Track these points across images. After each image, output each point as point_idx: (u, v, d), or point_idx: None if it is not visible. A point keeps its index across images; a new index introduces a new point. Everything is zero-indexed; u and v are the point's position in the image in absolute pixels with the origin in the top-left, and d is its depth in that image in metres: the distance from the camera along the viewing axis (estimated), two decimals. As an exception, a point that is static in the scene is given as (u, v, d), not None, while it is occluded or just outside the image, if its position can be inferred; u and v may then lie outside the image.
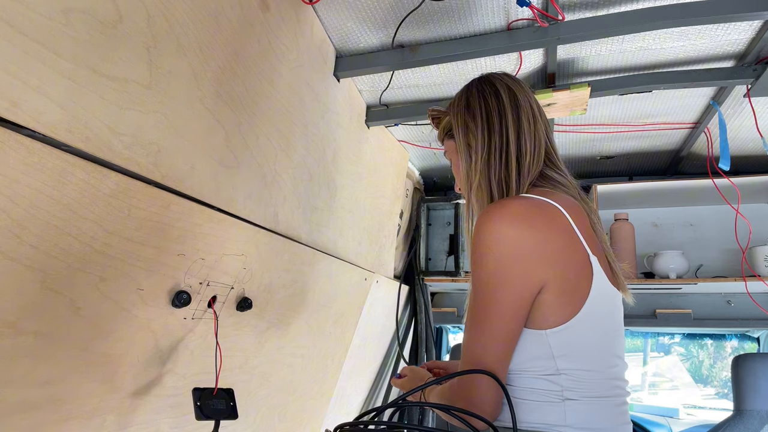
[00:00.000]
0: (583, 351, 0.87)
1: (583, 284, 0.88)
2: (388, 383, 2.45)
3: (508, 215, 0.88)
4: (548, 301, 0.86)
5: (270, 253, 1.25)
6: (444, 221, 2.64)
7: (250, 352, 1.30)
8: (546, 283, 0.86)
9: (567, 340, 0.86)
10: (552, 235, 0.88)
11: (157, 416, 1.05)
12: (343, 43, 1.48)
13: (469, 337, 0.89)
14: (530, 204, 0.91)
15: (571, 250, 0.89)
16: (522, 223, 0.87)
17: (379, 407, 0.81)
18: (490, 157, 1.01)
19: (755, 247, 2.11)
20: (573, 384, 0.86)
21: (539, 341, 0.87)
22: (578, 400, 0.85)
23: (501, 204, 0.91)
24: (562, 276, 0.87)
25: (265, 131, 1.17)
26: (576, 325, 0.86)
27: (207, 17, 0.95)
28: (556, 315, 0.86)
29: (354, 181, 1.73)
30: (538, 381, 0.87)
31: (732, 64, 1.52)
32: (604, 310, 0.90)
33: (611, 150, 2.29)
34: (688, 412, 4.38)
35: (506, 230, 0.86)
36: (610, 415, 0.87)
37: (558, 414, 0.85)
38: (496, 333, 0.86)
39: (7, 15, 0.61)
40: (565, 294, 0.87)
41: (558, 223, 0.90)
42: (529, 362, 0.88)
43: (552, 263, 0.86)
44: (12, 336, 0.72)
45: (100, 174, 0.76)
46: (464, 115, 1.07)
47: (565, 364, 0.86)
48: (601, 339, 0.90)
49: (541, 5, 1.29)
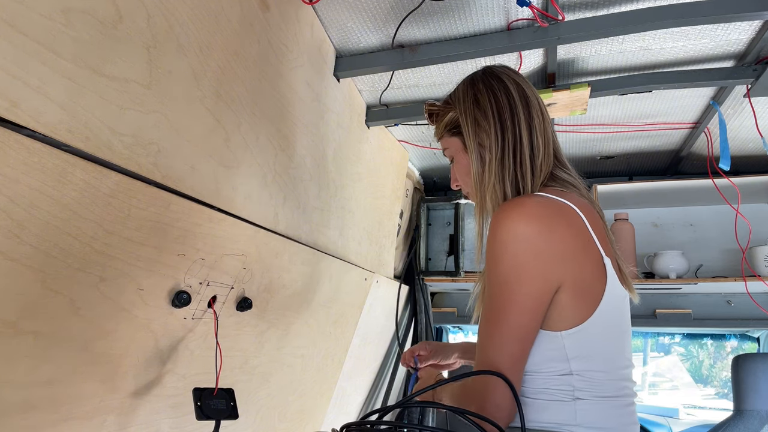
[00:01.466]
0: (596, 353, 0.87)
1: (597, 286, 0.88)
2: (388, 383, 2.45)
3: (525, 214, 0.87)
4: (564, 302, 0.85)
5: (270, 253, 1.25)
6: (444, 221, 2.64)
7: (250, 352, 1.29)
8: (562, 283, 0.85)
9: (581, 342, 0.86)
10: (568, 235, 0.87)
11: (157, 416, 1.05)
12: (343, 43, 1.48)
13: (484, 336, 0.87)
14: (547, 203, 0.90)
15: (587, 251, 0.88)
16: (539, 222, 0.86)
17: (385, 407, 0.80)
18: (504, 157, 0.97)
19: (755, 247, 2.11)
20: (584, 384, 0.86)
21: (554, 343, 0.86)
22: (589, 400, 0.85)
23: (517, 202, 0.89)
24: (578, 277, 0.86)
25: (265, 131, 1.17)
26: (590, 326, 0.86)
27: (207, 17, 0.95)
28: (572, 316, 0.85)
29: (354, 181, 1.73)
30: (550, 381, 0.87)
31: (732, 64, 1.51)
32: (616, 312, 0.90)
33: (611, 150, 2.29)
34: (688, 412, 4.39)
35: (523, 228, 0.85)
36: (618, 415, 0.87)
37: (568, 413, 0.85)
38: (512, 332, 0.84)
39: (7, 15, 0.61)
40: (580, 295, 0.86)
41: (573, 223, 0.89)
42: (543, 364, 0.87)
43: (568, 263, 0.86)
44: (12, 336, 0.72)
45: (100, 174, 0.76)
46: (474, 112, 1.02)
47: (578, 366, 0.86)
48: (613, 340, 0.90)
49: (541, 5, 1.29)
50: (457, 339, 3.41)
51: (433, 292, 2.95)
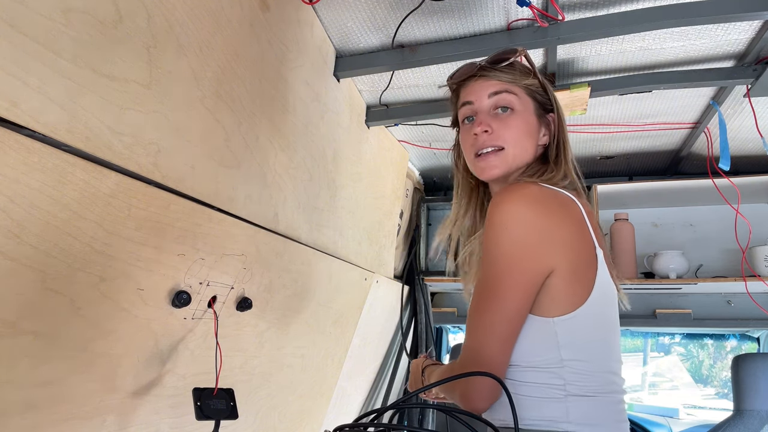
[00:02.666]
0: (586, 342, 0.88)
1: (590, 274, 0.90)
2: (388, 383, 2.45)
3: (525, 197, 0.90)
4: (558, 287, 0.87)
5: (270, 253, 1.25)
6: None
7: (250, 352, 1.29)
8: (556, 267, 0.87)
9: (573, 329, 0.87)
10: (566, 221, 0.91)
11: (157, 416, 1.05)
12: (343, 43, 1.48)
13: (475, 315, 0.89)
14: (547, 190, 0.94)
15: (582, 239, 0.91)
16: (539, 206, 0.89)
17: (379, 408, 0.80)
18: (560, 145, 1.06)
19: (755, 247, 2.11)
20: (575, 378, 0.86)
21: (545, 329, 0.87)
22: (581, 396, 0.86)
23: (518, 186, 0.93)
24: (573, 263, 0.88)
25: (265, 131, 1.17)
26: (582, 314, 0.87)
27: (207, 17, 0.95)
28: (565, 303, 0.87)
29: (354, 181, 1.73)
30: (541, 375, 0.87)
31: (732, 64, 1.51)
32: (606, 303, 0.92)
33: (611, 150, 2.29)
34: (688, 412, 4.38)
35: (524, 211, 0.88)
36: (609, 412, 0.88)
37: (560, 410, 0.85)
38: (504, 311, 0.86)
39: (7, 15, 0.61)
40: (574, 282, 0.88)
41: (571, 211, 0.92)
42: (532, 352, 0.88)
43: (564, 249, 0.88)
44: (12, 336, 0.72)
45: (100, 174, 0.76)
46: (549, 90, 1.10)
47: (569, 354, 0.86)
48: (603, 333, 0.91)
49: (541, 5, 1.29)
50: (457, 339, 3.41)
51: (433, 292, 2.95)
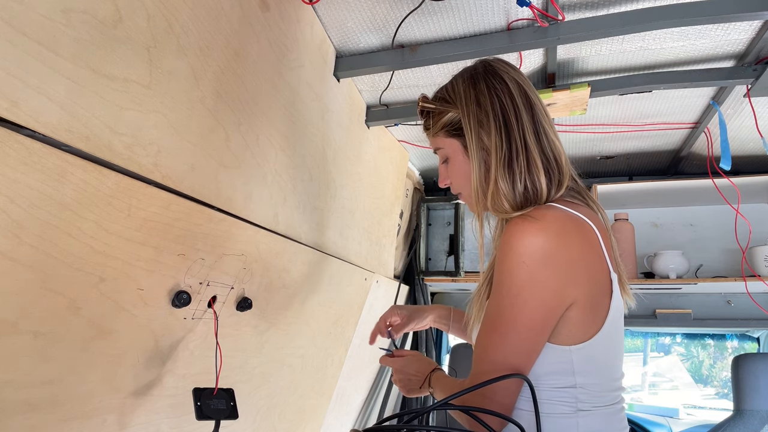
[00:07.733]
0: (600, 366, 0.88)
1: (605, 300, 0.89)
2: (389, 383, 2.45)
3: (544, 228, 0.85)
4: (575, 318, 0.85)
5: (270, 253, 1.25)
6: (444, 221, 2.64)
7: (250, 352, 1.29)
8: (576, 299, 0.85)
9: (588, 357, 0.86)
10: (585, 252, 0.87)
11: (157, 416, 1.05)
12: (343, 43, 1.48)
13: (488, 345, 0.86)
14: (566, 218, 0.88)
15: (599, 269, 0.89)
16: (558, 237, 0.85)
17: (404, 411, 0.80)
18: (513, 161, 0.92)
19: (755, 247, 2.11)
20: (586, 396, 0.86)
21: (562, 357, 0.86)
22: (590, 411, 0.86)
23: (536, 215, 0.87)
24: (590, 293, 0.86)
25: (265, 131, 1.17)
26: (596, 341, 0.86)
27: (207, 17, 0.95)
28: (581, 332, 0.86)
29: (354, 181, 1.73)
30: (553, 393, 0.87)
31: (732, 64, 1.51)
32: (617, 326, 0.91)
33: (611, 150, 2.29)
34: (688, 412, 4.38)
35: (542, 243, 0.83)
36: (614, 421, 0.89)
37: (571, 425, 0.86)
38: (520, 344, 0.84)
39: (7, 15, 0.61)
40: (590, 311, 0.87)
41: (590, 240, 0.88)
42: (548, 376, 0.87)
43: (583, 281, 0.86)
44: (12, 336, 0.72)
45: (100, 174, 0.76)
46: (477, 114, 0.96)
47: (583, 380, 0.86)
48: (614, 352, 0.91)
49: (541, 5, 1.29)
50: (457, 339, 3.40)
51: (433, 292, 2.95)
